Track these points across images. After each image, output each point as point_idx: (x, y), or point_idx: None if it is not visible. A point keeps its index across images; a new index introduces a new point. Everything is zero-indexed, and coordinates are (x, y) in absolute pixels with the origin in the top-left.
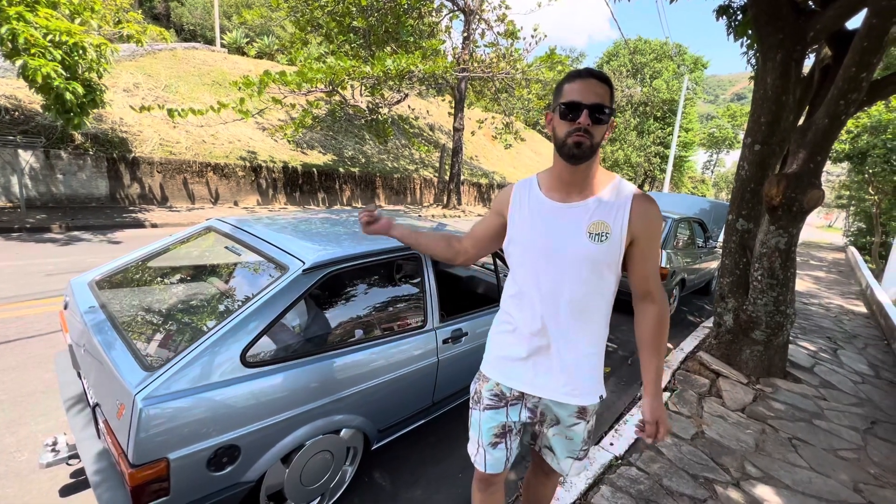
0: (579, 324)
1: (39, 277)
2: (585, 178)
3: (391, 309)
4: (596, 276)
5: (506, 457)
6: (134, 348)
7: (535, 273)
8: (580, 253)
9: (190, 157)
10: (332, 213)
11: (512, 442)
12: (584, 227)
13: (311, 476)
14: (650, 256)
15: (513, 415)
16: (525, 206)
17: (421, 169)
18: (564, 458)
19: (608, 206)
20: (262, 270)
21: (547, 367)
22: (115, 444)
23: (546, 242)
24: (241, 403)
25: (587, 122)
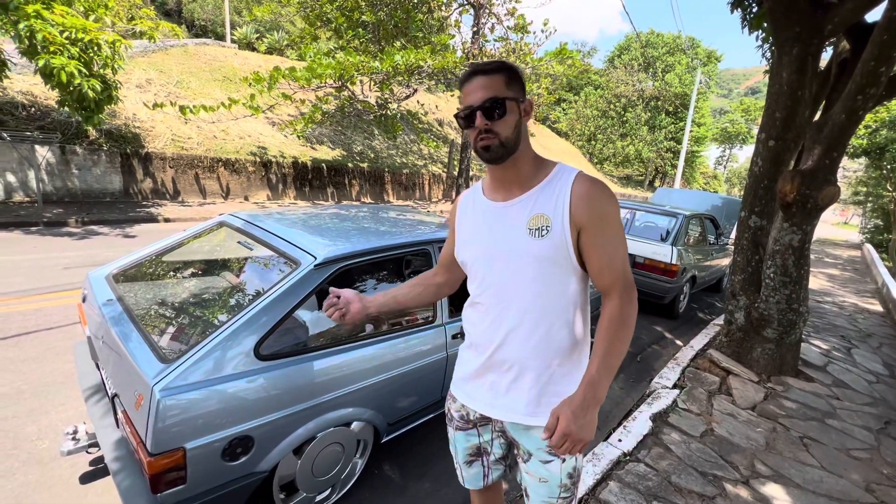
0: (540, 331)
1: (57, 271)
2: (519, 173)
3: None
4: (544, 275)
5: (483, 474)
6: (150, 340)
7: (484, 280)
8: (521, 252)
9: (201, 153)
10: (342, 209)
11: (489, 461)
12: (524, 224)
13: (323, 468)
14: (603, 244)
15: (485, 436)
16: (469, 213)
17: (430, 164)
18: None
19: (547, 196)
20: (274, 265)
21: (507, 385)
22: (134, 434)
23: (488, 245)
24: (255, 395)
25: (483, 122)
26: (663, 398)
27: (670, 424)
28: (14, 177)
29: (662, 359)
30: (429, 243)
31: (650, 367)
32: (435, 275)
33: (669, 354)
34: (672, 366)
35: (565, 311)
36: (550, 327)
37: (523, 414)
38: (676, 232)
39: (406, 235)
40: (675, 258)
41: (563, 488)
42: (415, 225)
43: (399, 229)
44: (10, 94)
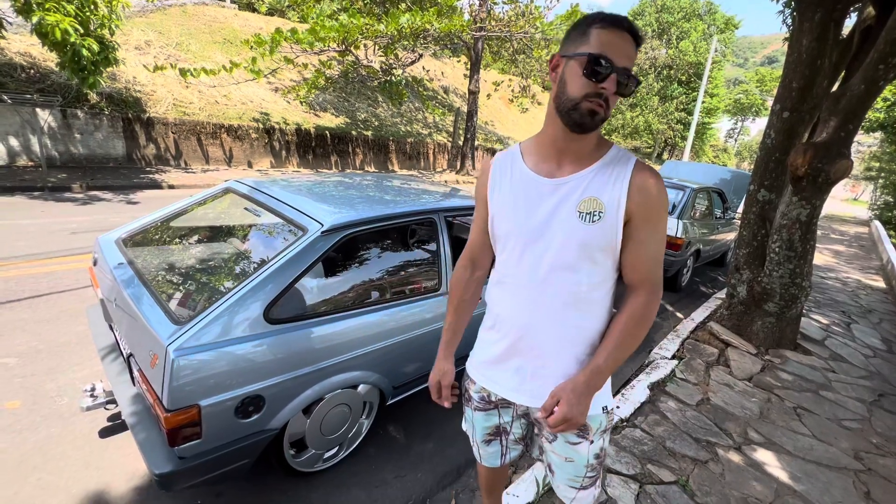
0: (573, 319)
1: (64, 235)
2: (582, 148)
3: (407, 272)
4: (589, 262)
5: (501, 452)
6: (162, 303)
7: (519, 259)
8: (568, 236)
9: (203, 118)
10: (346, 177)
11: (508, 440)
12: (574, 205)
13: (331, 427)
14: (646, 240)
15: (505, 417)
16: (506, 183)
17: (434, 133)
18: (565, 485)
19: (603, 179)
20: (281, 231)
21: (533, 371)
22: (150, 391)
23: (530, 224)
24: (265, 357)
25: (612, 88)
26: (662, 368)
27: (667, 393)
28: (17, 141)
29: (662, 330)
30: (434, 212)
31: (650, 338)
32: (471, 272)
33: (670, 326)
34: (672, 337)
35: (601, 300)
36: (584, 316)
37: None
38: (683, 205)
39: (412, 204)
40: (681, 232)
41: (590, 468)
42: (420, 194)
43: (405, 198)
44: (8, 55)
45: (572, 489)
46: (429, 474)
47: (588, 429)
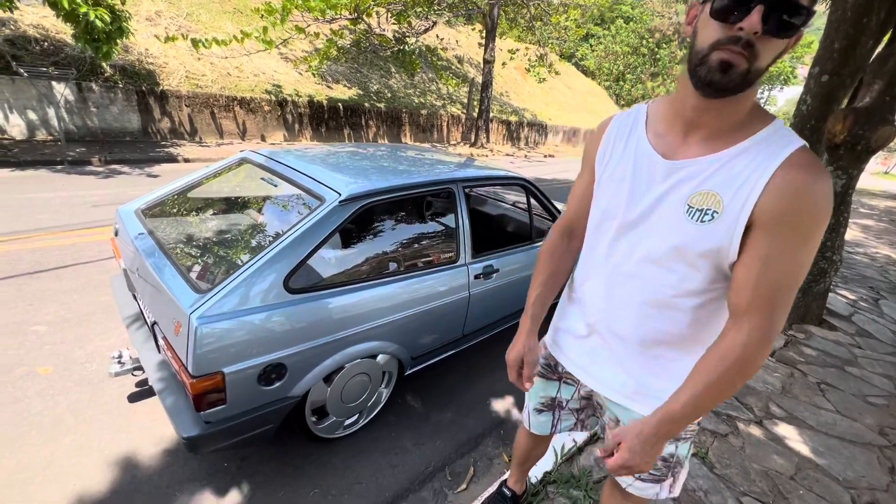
0: (654, 321)
1: (86, 208)
2: (719, 121)
3: (425, 243)
4: (685, 265)
5: (551, 424)
6: (183, 272)
7: (610, 244)
8: (667, 232)
9: (216, 91)
10: (361, 147)
11: (561, 415)
12: (685, 197)
13: (351, 395)
14: (771, 258)
15: (565, 393)
16: (619, 151)
17: (448, 105)
18: None
19: (737, 169)
20: (298, 201)
21: (607, 357)
22: (176, 358)
23: (631, 210)
24: (286, 326)
25: (758, 27)
26: None
27: None
28: (35, 114)
29: None
30: (452, 182)
31: None
32: (567, 242)
33: None
34: None
35: (694, 311)
36: (667, 322)
37: (618, 392)
38: None
39: (429, 174)
40: None
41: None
42: (437, 164)
43: (421, 168)
44: (21, 27)
45: (630, 476)
46: (447, 442)
47: None
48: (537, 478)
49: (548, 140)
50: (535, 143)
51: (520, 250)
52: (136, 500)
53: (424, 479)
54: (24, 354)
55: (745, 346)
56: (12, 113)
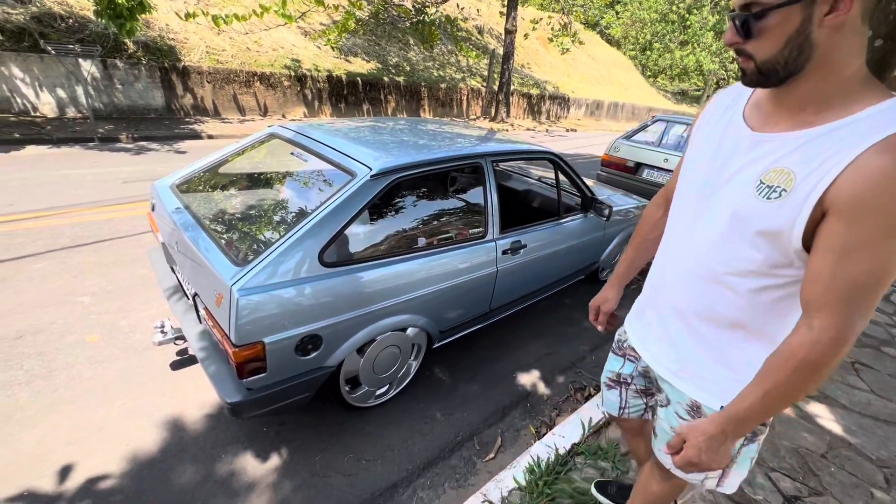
0: (708, 300)
1: (118, 184)
2: (802, 101)
3: (453, 218)
4: (746, 245)
5: (619, 404)
6: (222, 246)
7: (679, 215)
8: (730, 203)
9: (237, 66)
10: (388, 121)
11: (627, 395)
12: (759, 173)
13: (382, 366)
14: (853, 252)
15: (627, 369)
16: (714, 122)
17: (468, 78)
18: (658, 448)
19: (818, 147)
20: (329, 176)
21: (659, 330)
22: (218, 328)
23: (706, 181)
24: (321, 299)
25: (734, 39)
26: None
27: None
28: (64, 92)
29: None
30: (481, 156)
31: None
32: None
33: None
34: None
35: (752, 296)
36: (719, 303)
37: (665, 367)
38: None
39: (459, 148)
40: None
41: None
42: (463, 138)
43: (450, 142)
44: (46, 4)
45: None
46: (474, 413)
47: (699, 411)
48: (565, 448)
49: (570, 114)
50: (557, 117)
51: (548, 226)
52: (185, 459)
53: (454, 447)
54: (73, 323)
55: (813, 346)
56: (42, 91)
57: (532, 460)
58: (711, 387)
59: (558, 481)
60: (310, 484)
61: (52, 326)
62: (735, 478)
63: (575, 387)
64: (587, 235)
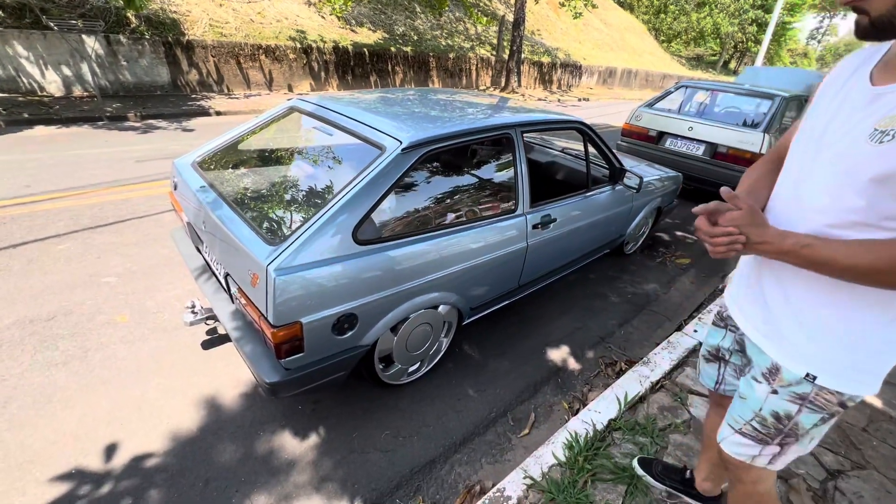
0: None
1: (131, 164)
2: None
3: (484, 192)
4: (853, 194)
5: (717, 379)
6: (252, 225)
7: (790, 173)
8: (843, 158)
9: (241, 39)
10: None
11: (725, 372)
12: (873, 121)
13: (415, 344)
14: None
15: (726, 342)
16: (838, 84)
17: (477, 46)
18: (726, 422)
19: None
20: (356, 151)
21: (755, 289)
22: (253, 309)
23: (819, 139)
24: (357, 277)
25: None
26: None
27: None
28: (69, 70)
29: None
30: (511, 127)
31: (722, 263)
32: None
33: None
34: None
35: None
36: None
37: (755, 328)
38: (771, 117)
39: (488, 119)
40: (766, 147)
41: (759, 419)
42: (489, 108)
43: (476, 113)
44: None
45: (729, 428)
46: (506, 390)
47: (777, 375)
48: (602, 423)
49: (582, 82)
50: (569, 86)
51: (577, 199)
52: (224, 437)
53: (488, 423)
54: (102, 304)
55: None
56: (48, 69)
57: (570, 436)
58: (797, 351)
59: (598, 457)
60: (349, 460)
61: (82, 307)
62: (790, 456)
63: (605, 362)
64: (616, 208)
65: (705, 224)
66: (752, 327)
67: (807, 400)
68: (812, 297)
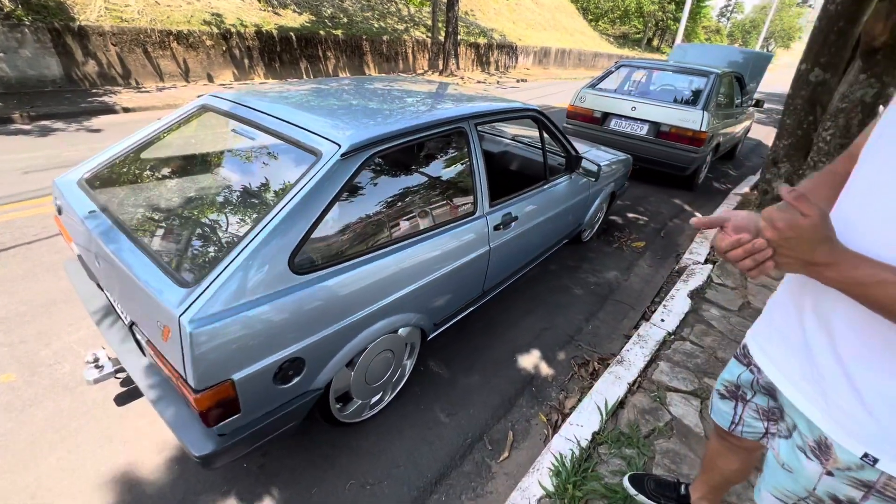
0: None
1: (16, 176)
2: None
3: (439, 195)
4: None
5: (732, 419)
6: (159, 260)
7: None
8: None
9: (146, 24)
10: (337, 83)
11: (743, 412)
12: None
13: (375, 375)
14: None
15: (745, 379)
16: None
17: (412, 28)
18: (767, 492)
19: None
20: (288, 158)
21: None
22: (170, 368)
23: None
24: (298, 314)
25: None
26: (698, 274)
27: (708, 300)
28: None
29: (686, 233)
30: (463, 120)
31: (674, 242)
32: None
33: (692, 228)
34: (700, 240)
35: None
36: None
37: (792, 384)
38: (708, 94)
39: (437, 112)
40: (705, 125)
41: (815, 500)
42: (438, 98)
43: (424, 105)
44: None
45: (774, 499)
46: (480, 408)
47: (830, 454)
48: (586, 439)
49: (518, 63)
50: (506, 67)
51: (537, 192)
52: None
53: (464, 451)
54: None
55: None
56: None
57: (555, 460)
58: (853, 424)
59: (587, 479)
60: None
61: None
62: None
63: (577, 363)
64: (575, 197)
65: (728, 240)
66: (789, 382)
67: (874, 489)
68: (876, 356)
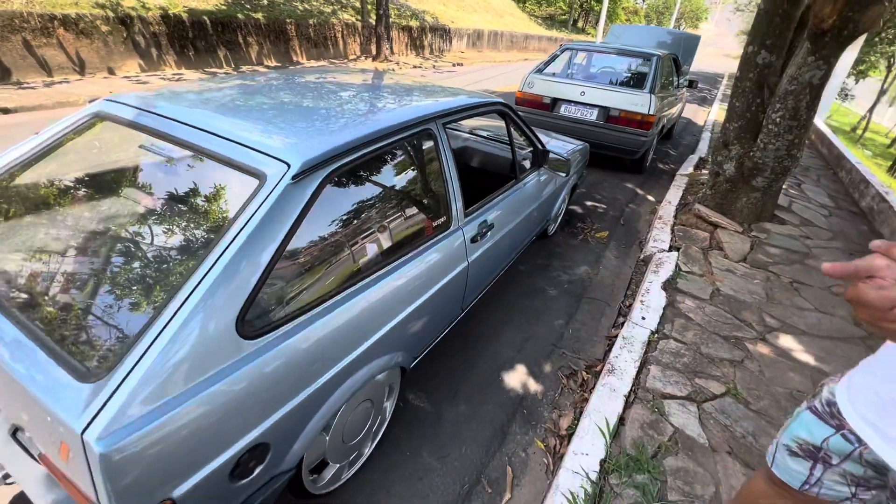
0: None
1: None
2: None
3: (410, 211)
4: None
5: (805, 479)
6: (47, 342)
7: None
8: None
9: (22, 8)
10: (252, 78)
11: (824, 474)
12: None
13: (353, 432)
14: None
15: (837, 447)
16: None
17: (339, 11)
18: None
19: None
20: (219, 183)
21: None
22: (75, 491)
23: None
24: (255, 391)
25: None
26: (666, 263)
27: (681, 291)
28: None
29: (644, 218)
30: (430, 120)
31: (634, 228)
32: None
33: (647, 212)
34: (660, 226)
35: None
36: None
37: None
38: (653, 77)
39: (399, 113)
40: (653, 108)
41: None
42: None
43: (383, 104)
44: None
45: None
46: (473, 445)
47: None
48: (594, 470)
49: (453, 46)
50: (441, 51)
51: (509, 194)
52: None
53: (463, 500)
54: None
55: None
56: None
57: (567, 499)
58: None
59: None
60: None
61: None
62: None
63: (565, 374)
64: (545, 193)
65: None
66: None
67: None
68: None
